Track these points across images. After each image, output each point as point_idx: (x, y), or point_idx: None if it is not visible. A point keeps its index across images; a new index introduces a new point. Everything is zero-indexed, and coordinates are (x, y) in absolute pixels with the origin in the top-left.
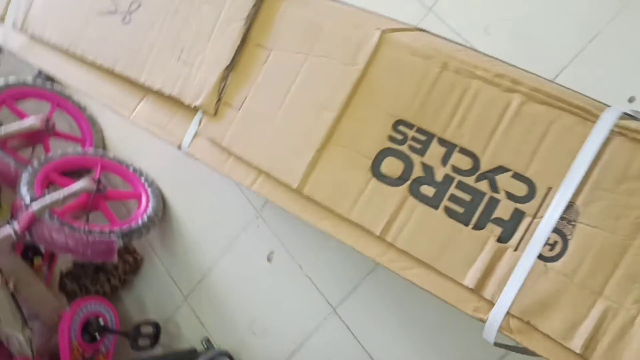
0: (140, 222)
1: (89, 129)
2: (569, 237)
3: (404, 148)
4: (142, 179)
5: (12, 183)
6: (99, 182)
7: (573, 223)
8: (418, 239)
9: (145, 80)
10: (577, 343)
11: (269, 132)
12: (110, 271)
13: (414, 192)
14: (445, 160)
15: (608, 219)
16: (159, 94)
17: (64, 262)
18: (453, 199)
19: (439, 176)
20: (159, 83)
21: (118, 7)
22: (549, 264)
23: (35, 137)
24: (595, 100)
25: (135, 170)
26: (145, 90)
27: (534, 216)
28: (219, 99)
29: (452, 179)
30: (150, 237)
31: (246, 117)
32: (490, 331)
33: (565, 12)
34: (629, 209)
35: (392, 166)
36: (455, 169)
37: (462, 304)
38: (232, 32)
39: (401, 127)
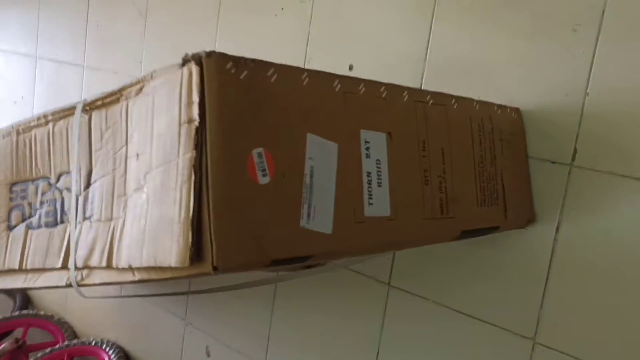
0: None
1: (59, 331)
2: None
3: (19, 201)
4: (104, 346)
5: None
6: None
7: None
8: (36, 255)
9: None
10: (100, 261)
11: None
12: None
13: (29, 225)
14: (37, 193)
15: (105, 167)
16: None
17: None
18: (47, 215)
19: (38, 205)
20: None
21: None
22: (91, 220)
23: (15, 358)
24: None
25: (96, 343)
26: None
27: (80, 194)
28: None
29: (43, 202)
30: None
31: None
32: (77, 289)
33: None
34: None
35: (16, 217)
36: (43, 194)
37: (59, 282)
38: None
39: (14, 188)
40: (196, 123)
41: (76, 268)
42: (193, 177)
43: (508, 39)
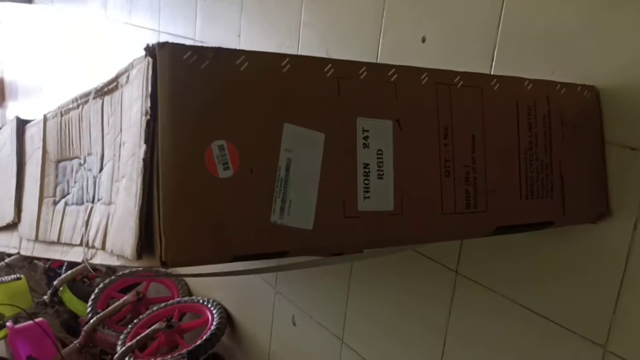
0: (204, 338)
1: (176, 287)
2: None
3: (61, 178)
4: (209, 305)
5: (115, 349)
6: (169, 321)
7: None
8: (69, 230)
9: None
10: (100, 243)
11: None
12: None
13: (67, 202)
14: (72, 171)
15: (110, 152)
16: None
17: None
18: (77, 193)
19: (73, 183)
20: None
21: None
22: (101, 202)
23: (136, 309)
24: None
25: (203, 301)
26: None
27: (97, 176)
28: (19, 210)
29: (76, 180)
30: (229, 343)
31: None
32: (87, 266)
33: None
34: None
35: (60, 193)
36: (76, 173)
37: (79, 258)
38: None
39: (60, 165)
40: (148, 116)
41: (88, 247)
42: (143, 171)
43: (586, 6)
